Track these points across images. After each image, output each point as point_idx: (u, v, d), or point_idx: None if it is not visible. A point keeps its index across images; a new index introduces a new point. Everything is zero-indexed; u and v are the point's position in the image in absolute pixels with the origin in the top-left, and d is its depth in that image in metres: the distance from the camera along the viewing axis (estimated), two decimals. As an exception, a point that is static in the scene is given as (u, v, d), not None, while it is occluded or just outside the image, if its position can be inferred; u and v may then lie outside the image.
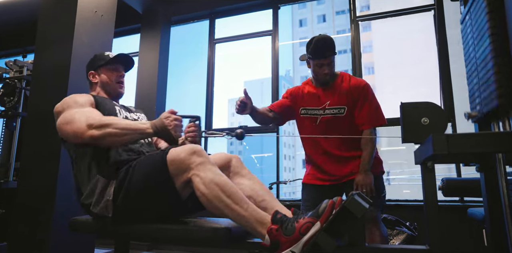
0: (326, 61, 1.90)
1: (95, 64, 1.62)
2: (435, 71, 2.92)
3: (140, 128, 1.29)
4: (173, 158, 1.17)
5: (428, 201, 1.07)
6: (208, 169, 1.14)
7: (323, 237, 0.97)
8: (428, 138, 0.90)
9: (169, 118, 1.30)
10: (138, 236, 1.33)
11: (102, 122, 1.28)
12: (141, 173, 1.21)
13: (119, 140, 1.29)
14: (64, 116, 1.35)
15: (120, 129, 1.26)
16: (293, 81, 37.01)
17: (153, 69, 3.88)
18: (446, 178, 1.62)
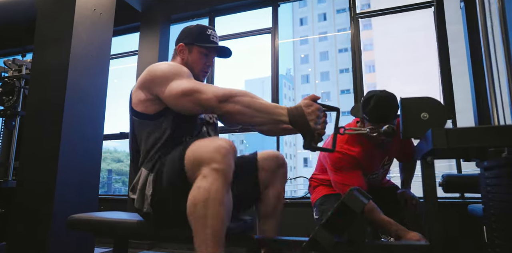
0: (387, 124, 1.58)
1: (191, 38, 1.41)
2: (436, 68, 2.90)
3: (276, 113, 1.14)
4: (190, 154, 1.09)
5: (428, 197, 1.06)
6: (213, 184, 1.00)
7: (322, 233, 0.96)
8: (427, 133, 0.89)
9: (311, 107, 1.13)
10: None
11: (235, 98, 1.14)
12: (167, 170, 1.15)
13: (249, 121, 1.17)
14: (178, 86, 1.20)
15: (255, 110, 1.14)
16: (294, 80, 36.98)
17: (152, 67, 3.87)
18: (446, 174, 1.61)
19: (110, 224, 1.29)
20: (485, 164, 1.10)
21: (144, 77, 1.28)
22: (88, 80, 2.64)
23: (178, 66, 1.29)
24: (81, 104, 2.57)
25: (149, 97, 1.27)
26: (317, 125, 1.12)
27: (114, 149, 28.20)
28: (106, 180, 14.05)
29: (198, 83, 1.22)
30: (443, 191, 1.69)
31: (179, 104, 1.20)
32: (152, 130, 1.27)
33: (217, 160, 1.01)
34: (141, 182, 1.22)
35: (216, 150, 1.02)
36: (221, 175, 1.00)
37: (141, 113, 1.29)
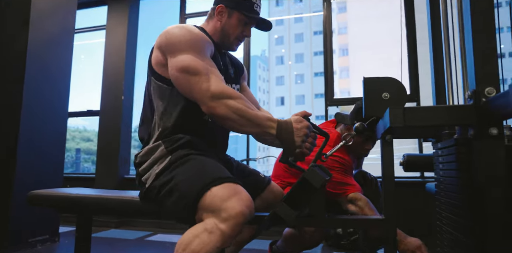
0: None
1: (234, 2, 1.29)
2: (405, 53, 2.97)
3: (266, 125, 1.09)
4: (206, 200, 0.98)
5: (385, 173, 1.10)
6: (214, 241, 0.93)
7: (283, 208, 0.99)
8: (386, 112, 0.93)
9: (300, 123, 1.11)
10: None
11: (229, 101, 1.07)
12: (183, 176, 1.06)
13: (237, 128, 1.11)
14: (183, 61, 1.11)
15: (246, 119, 1.08)
16: (269, 61, 36.80)
17: (121, 44, 3.73)
18: (407, 154, 1.68)
19: (72, 200, 1.27)
20: (439, 145, 1.16)
21: (161, 38, 1.19)
22: (50, 54, 2.52)
23: (197, 36, 1.17)
24: (43, 79, 2.46)
25: (164, 61, 1.19)
26: (302, 143, 1.10)
27: (83, 128, 27.30)
28: (74, 159, 13.68)
29: (205, 66, 1.12)
30: (404, 170, 1.77)
31: (176, 80, 1.14)
32: (167, 96, 1.21)
33: (229, 225, 0.94)
34: (156, 155, 1.16)
35: (235, 215, 0.94)
36: (223, 239, 0.94)
37: (159, 75, 1.21)
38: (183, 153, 1.13)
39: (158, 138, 1.20)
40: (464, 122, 0.83)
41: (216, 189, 0.98)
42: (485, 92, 0.79)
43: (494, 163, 0.77)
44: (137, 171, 1.20)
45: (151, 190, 1.13)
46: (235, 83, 1.38)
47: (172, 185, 1.05)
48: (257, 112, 1.11)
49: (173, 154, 1.14)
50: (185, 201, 1.00)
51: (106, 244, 2.63)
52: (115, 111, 3.56)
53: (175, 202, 1.04)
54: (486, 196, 0.77)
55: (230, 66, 1.37)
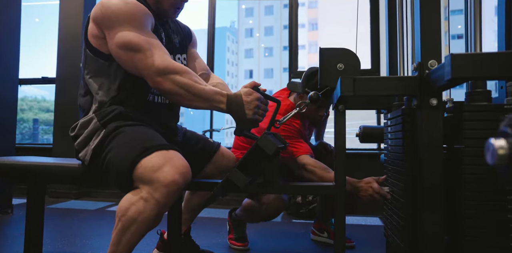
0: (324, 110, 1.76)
1: None
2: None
3: (215, 100, 1.08)
4: (139, 172, 0.97)
5: (337, 142, 1.15)
6: (149, 209, 0.95)
7: (235, 173, 1.01)
8: (338, 82, 0.95)
9: (250, 96, 1.10)
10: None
11: (176, 76, 1.06)
12: (115, 151, 1.05)
13: (185, 103, 1.11)
14: (125, 37, 1.07)
15: (193, 94, 1.07)
16: (238, 33, 36.00)
17: (78, 6, 3.49)
18: (363, 126, 1.74)
19: (22, 167, 1.23)
20: (388, 115, 1.21)
21: (96, 11, 1.12)
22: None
23: (135, 8, 1.11)
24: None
25: (100, 35, 1.13)
26: (254, 115, 1.11)
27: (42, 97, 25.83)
28: (32, 130, 13.07)
29: (148, 41, 1.08)
30: (360, 141, 1.85)
31: (118, 56, 1.10)
32: (104, 71, 1.17)
33: (162, 193, 0.94)
34: (89, 129, 1.14)
35: (167, 184, 0.94)
36: (158, 207, 0.95)
37: (95, 48, 1.16)
38: (114, 126, 1.11)
39: (94, 111, 1.18)
40: (409, 93, 0.87)
41: (146, 160, 0.97)
42: (428, 64, 0.82)
43: (433, 131, 0.82)
44: (74, 145, 1.19)
45: (91, 167, 1.14)
46: (181, 53, 1.35)
47: (107, 162, 1.06)
48: (204, 86, 1.10)
49: (107, 127, 1.12)
50: (120, 177, 1.01)
51: (65, 215, 2.59)
52: (73, 79, 3.39)
53: (113, 179, 1.05)
54: (424, 163, 0.83)
55: (175, 35, 1.32)
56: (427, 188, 0.82)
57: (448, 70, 0.65)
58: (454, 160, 0.86)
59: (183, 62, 1.36)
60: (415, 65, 0.86)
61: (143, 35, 1.09)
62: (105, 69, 1.18)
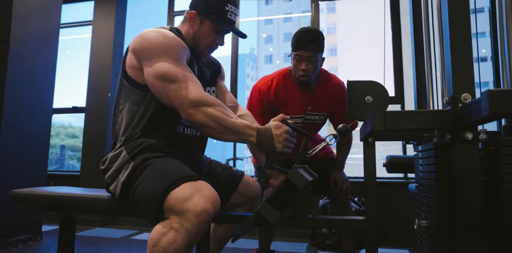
0: (305, 54, 1.66)
1: (206, 9, 1.24)
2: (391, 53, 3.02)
3: (245, 133, 1.10)
4: (169, 204, 0.99)
5: (367, 175, 1.13)
6: (180, 240, 0.96)
7: (266, 208, 1.00)
8: (368, 115, 0.95)
9: (279, 129, 1.12)
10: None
11: (208, 108, 1.08)
12: (144, 184, 1.07)
13: (216, 136, 1.13)
14: (161, 68, 1.11)
15: (225, 127, 1.09)
16: (257, 59, 36.79)
17: (108, 40, 3.69)
18: (390, 156, 1.72)
19: (55, 199, 1.26)
20: (419, 147, 1.19)
21: (136, 43, 1.18)
22: (34, 50, 2.48)
23: (173, 41, 1.16)
24: (26, 75, 2.43)
25: (138, 66, 1.18)
26: (283, 148, 1.11)
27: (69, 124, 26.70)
28: (59, 156, 13.44)
29: (183, 73, 1.12)
30: (387, 171, 1.81)
31: (153, 84, 1.13)
32: (138, 102, 1.20)
33: (193, 224, 0.96)
34: (118, 162, 1.17)
35: (198, 214, 0.95)
36: (189, 237, 0.96)
37: (132, 79, 1.20)
38: (142, 158, 1.13)
39: (122, 144, 1.20)
40: (442, 127, 0.86)
41: (175, 191, 0.98)
42: (461, 98, 0.82)
43: (468, 166, 0.80)
44: (105, 178, 1.21)
45: (121, 200, 1.15)
46: (211, 86, 1.39)
47: (137, 195, 1.08)
48: (235, 120, 1.12)
49: (135, 160, 1.14)
50: (151, 209, 1.02)
51: (90, 243, 2.61)
52: (101, 108, 3.53)
53: (143, 211, 1.07)
54: (461, 198, 0.80)
55: (206, 68, 1.37)
56: (465, 224, 0.79)
57: (485, 106, 0.65)
58: (492, 195, 0.83)
59: (212, 95, 1.40)
60: (447, 99, 0.86)
61: (179, 67, 1.13)
62: (139, 99, 1.21)
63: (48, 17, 2.61)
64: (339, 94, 1.79)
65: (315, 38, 1.66)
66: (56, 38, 2.70)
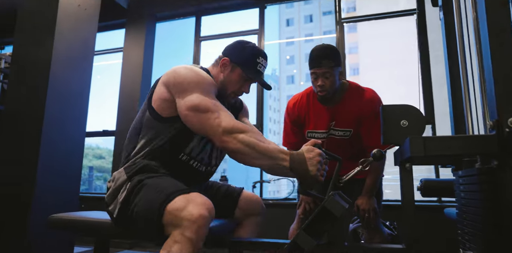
0: (320, 70, 1.68)
1: (239, 58, 1.34)
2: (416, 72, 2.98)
3: (278, 158, 1.12)
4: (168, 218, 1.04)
5: (405, 201, 1.09)
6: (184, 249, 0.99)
7: (302, 236, 0.98)
8: (406, 140, 0.93)
9: (311, 152, 1.13)
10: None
11: (241, 135, 1.12)
12: (141, 203, 1.11)
13: (250, 162, 1.15)
14: (194, 100, 1.16)
15: (258, 152, 1.11)
16: (280, 80, 37.13)
17: (137, 65, 3.84)
18: (424, 179, 1.66)
19: (90, 224, 1.28)
20: (460, 173, 1.15)
21: (168, 76, 1.24)
22: (71, 76, 2.60)
23: (204, 77, 1.23)
24: (64, 101, 2.54)
25: (168, 98, 1.23)
26: (317, 172, 1.11)
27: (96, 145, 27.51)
28: (87, 177, 13.77)
29: (215, 104, 1.17)
30: (421, 195, 1.75)
31: (186, 116, 1.18)
32: (157, 132, 1.25)
33: (192, 230, 1.00)
34: (118, 182, 1.22)
35: (195, 219, 1.00)
36: (192, 245, 1.00)
37: (155, 112, 1.26)
38: (138, 179, 1.17)
39: (123, 164, 1.28)
40: (487, 153, 0.82)
41: (170, 205, 1.03)
42: (508, 122, 0.79)
43: (519, 195, 0.76)
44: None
45: (118, 219, 1.18)
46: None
47: (135, 215, 1.11)
48: (268, 145, 1.14)
49: (132, 180, 1.18)
50: (150, 227, 1.06)
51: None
52: (130, 131, 3.62)
53: (143, 230, 1.11)
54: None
55: (227, 106, 1.41)
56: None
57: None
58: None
59: None
60: (491, 123, 0.83)
61: (210, 99, 1.18)
62: (158, 130, 1.25)
63: (85, 45, 2.75)
64: (366, 110, 1.73)
65: (328, 54, 1.68)
66: (91, 65, 2.84)
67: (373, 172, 1.76)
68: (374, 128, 1.68)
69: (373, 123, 1.71)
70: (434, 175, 2.80)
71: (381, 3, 3.83)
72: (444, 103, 3.07)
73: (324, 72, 1.67)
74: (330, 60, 1.67)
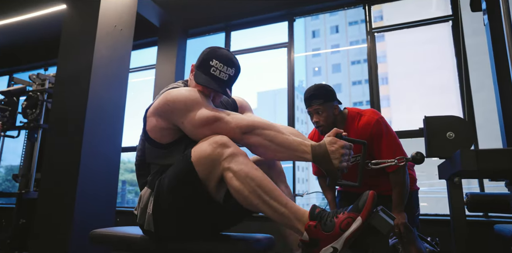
0: (311, 109, 1.83)
1: (197, 63, 1.30)
2: (449, 81, 2.88)
3: (300, 150, 1.11)
4: (198, 157, 1.07)
5: (455, 218, 1.04)
6: (240, 162, 1.05)
7: (378, 218, 0.97)
8: (455, 153, 0.88)
9: (334, 145, 1.11)
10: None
11: (259, 130, 1.13)
12: (169, 184, 1.10)
13: (271, 155, 1.15)
14: (200, 116, 1.13)
15: (277, 144, 1.12)
16: (306, 92, 37.02)
17: (169, 81, 3.93)
18: (470, 193, 1.57)
19: (130, 240, 1.30)
20: (514, 185, 1.08)
21: (162, 105, 1.18)
22: (108, 94, 2.70)
23: (196, 93, 1.19)
24: (101, 118, 2.62)
25: (167, 126, 1.20)
26: (341, 163, 1.09)
27: (127, 159, 28.38)
28: (120, 190, 14.12)
29: (220, 111, 1.16)
30: (468, 210, 1.66)
31: (200, 133, 1.15)
32: (161, 158, 1.24)
33: (229, 145, 1.06)
34: (143, 201, 1.20)
35: (218, 141, 1.06)
36: (240, 155, 1.05)
37: (154, 141, 1.23)
38: (155, 182, 1.17)
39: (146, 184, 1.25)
40: (549, 166, 0.77)
41: (193, 160, 1.07)
42: None
43: None
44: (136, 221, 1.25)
45: (157, 231, 1.16)
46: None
47: (169, 192, 1.11)
48: (288, 136, 1.13)
49: (152, 186, 1.18)
50: (194, 194, 1.09)
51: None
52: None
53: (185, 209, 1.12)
54: None
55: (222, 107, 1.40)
56: None
57: None
58: None
59: None
60: (551, 136, 0.78)
61: (212, 108, 1.17)
62: (163, 156, 1.23)
63: (121, 64, 2.86)
64: (364, 134, 1.78)
65: (315, 94, 1.82)
66: (126, 82, 2.93)
67: (395, 187, 1.74)
68: (382, 146, 1.75)
69: (379, 142, 1.76)
70: (475, 188, 2.65)
71: (408, 11, 3.75)
72: (480, 111, 2.92)
73: (315, 109, 1.81)
74: (317, 98, 1.81)
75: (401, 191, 1.73)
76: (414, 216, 1.85)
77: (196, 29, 4.21)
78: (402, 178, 1.74)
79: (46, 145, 2.61)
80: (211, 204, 1.11)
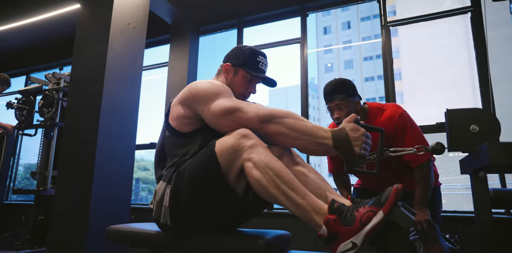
0: (332, 104, 1.78)
1: (240, 61, 1.38)
2: (465, 75, 2.80)
3: (320, 136, 1.11)
4: (222, 147, 1.09)
5: (481, 214, 1.00)
6: (261, 153, 1.06)
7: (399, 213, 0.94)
8: (481, 147, 0.85)
9: (357, 132, 1.10)
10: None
11: (278, 118, 1.14)
12: (190, 175, 1.12)
13: (291, 142, 1.16)
14: (220, 105, 1.18)
15: (296, 131, 1.12)
16: (319, 89, 36.77)
17: (182, 79, 3.94)
18: (493, 189, 1.52)
19: (146, 236, 1.30)
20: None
21: (186, 94, 1.26)
22: (122, 91, 2.71)
23: (219, 85, 1.27)
24: (115, 116, 2.64)
25: (189, 115, 1.25)
26: (361, 151, 1.08)
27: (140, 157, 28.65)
28: (134, 188, 14.29)
29: (240, 102, 1.20)
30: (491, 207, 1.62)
31: (220, 123, 1.19)
32: (180, 147, 1.26)
33: (251, 137, 1.08)
34: (160, 193, 1.21)
35: (241, 133, 1.09)
36: (260, 146, 1.07)
37: (175, 130, 1.28)
38: (170, 175, 1.19)
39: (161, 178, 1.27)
40: None
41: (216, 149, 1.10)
42: None
43: None
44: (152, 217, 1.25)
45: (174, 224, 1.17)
46: None
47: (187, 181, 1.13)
48: (307, 123, 1.14)
49: (169, 181, 1.19)
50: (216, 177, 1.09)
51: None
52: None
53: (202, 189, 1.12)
54: None
55: None
56: None
57: None
58: None
59: None
60: None
61: (233, 99, 1.22)
62: (182, 145, 1.26)
63: (134, 62, 2.87)
64: (388, 129, 1.68)
65: (337, 89, 1.77)
66: (139, 80, 2.95)
67: (420, 183, 1.70)
68: (406, 140, 1.69)
69: (403, 136, 1.71)
70: (496, 183, 2.57)
71: (421, 5, 3.66)
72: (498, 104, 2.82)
73: (336, 104, 1.76)
74: (338, 93, 1.76)
75: (426, 187, 1.69)
76: (437, 212, 1.80)
77: (208, 26, 4.20)
78: (427, 174, 1.69)
79: (62, 143, 2.64)
80: (229, 196, 1.11)
